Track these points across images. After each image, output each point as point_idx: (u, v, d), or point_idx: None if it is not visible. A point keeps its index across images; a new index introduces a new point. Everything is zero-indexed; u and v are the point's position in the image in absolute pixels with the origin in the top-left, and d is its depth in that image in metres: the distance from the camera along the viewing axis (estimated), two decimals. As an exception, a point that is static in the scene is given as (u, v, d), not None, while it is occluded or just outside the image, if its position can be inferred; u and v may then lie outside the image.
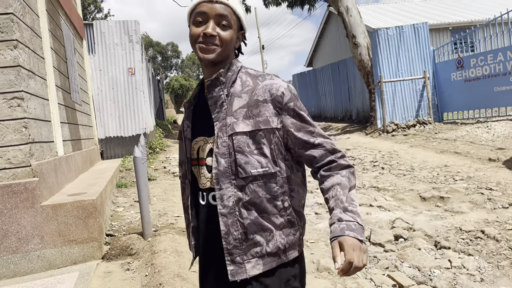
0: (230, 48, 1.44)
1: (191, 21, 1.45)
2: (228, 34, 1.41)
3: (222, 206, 1.40)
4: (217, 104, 1.44)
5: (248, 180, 1.39)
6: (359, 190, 6.27)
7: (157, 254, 3.84)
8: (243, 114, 1.40)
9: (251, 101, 1.41)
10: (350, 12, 13.12)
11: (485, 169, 6.61)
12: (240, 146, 1.38)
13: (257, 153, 1.39)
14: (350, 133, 14.02)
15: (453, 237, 4.09)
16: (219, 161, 1.40)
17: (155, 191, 7.04)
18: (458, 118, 12.36)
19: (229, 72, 1.46)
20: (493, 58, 10.74)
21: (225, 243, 1.40)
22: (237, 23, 1.45)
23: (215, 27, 1.39)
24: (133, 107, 11.13)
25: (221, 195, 1.40)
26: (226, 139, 1.39)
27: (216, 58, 1.41)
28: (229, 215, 1.39)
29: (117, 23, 11.08)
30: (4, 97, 3.69)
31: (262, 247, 1.40)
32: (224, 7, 1.39)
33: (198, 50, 1.41)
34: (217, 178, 1.40)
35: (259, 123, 1.38)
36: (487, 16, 17.30)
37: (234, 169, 1.39)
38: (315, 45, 25.71)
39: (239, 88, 1.44)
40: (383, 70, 12.72)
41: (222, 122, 1.41)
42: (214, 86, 1.45)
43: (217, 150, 1.40)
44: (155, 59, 72.14)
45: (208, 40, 1.39)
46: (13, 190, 3.63)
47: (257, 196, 1.39)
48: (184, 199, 1.63)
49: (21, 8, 3.99)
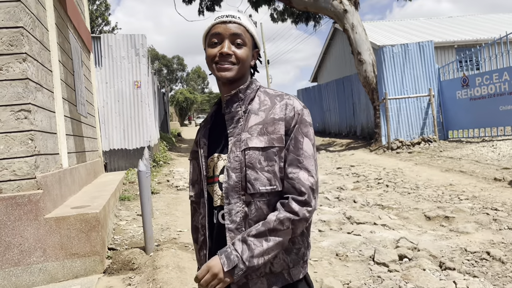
0: (246, 65, 1.47)
1: (206, 44, 1.48)
2: (244, 52, 1.44)
3: (230, 221, 1.40)
4: (234, 119, 1.46)
5: (255, 197, 1.39)
6: (364, 207, 6.23)
7: (159, 270, 3.82)
8: (258, 130, 1.41)
9: (267, 118, 1.42)
10: (355, 29, 13.21)
11: (490, 189, 6.56)
12: (252, 162, 1.39)
13: (267, 170, 1.39)
14: (354, 149, 14.00)
15: (458, 258, 4.04)
16: (230, 175, 1.40)
17: (158, 204, 7.02)
18: (463, 136, 12.33)
19: (248, 89, 1.49)
20: (498, 77, 10.76)
21: None
22: (251, 41, 1.49)
23: (230, 46, 1.43)
24: (138, 120, 11.18)
25: (230, 210, 1.40)
26: (239, 153, 1.40)
27: (234, 76, 1.44)
28: (236, 231, 1.39)
29: (124, 36, 11.20)
30: (11, 109, 3.71)
31: (266, 266, 1.39)
32: (237, 26, 1.44)
33: (216, 70, 1.44)
34: (226, 192, 1.40)
35: (273, 140, 1.39)
36: (492, 35, 17.37)
37: (243, 184, 1.39)
38: (320, 61, 25.87)
39: (256, 106, 1.46)
40: (388, 87, 12.75)
41: (236, 138, 1.43)
42: (232, 102, 1.48)
43: (229, 164, 1.41)
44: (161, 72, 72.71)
45: (224, 59, 1.42)
46: (17, 202, 3.63)
47: (262, 213, 1.39)
48: (196, 220, 1.62)
49: (31, 22, 4.04)
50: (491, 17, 24.00)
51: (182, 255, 4.35)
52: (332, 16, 13.69)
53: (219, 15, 1.47)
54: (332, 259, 4.23)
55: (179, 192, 8.36)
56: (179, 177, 10.03)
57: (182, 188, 8.64)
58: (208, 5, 18.00)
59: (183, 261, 4.14)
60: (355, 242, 4.60)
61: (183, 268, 3.93)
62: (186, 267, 3.98)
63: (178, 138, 25.32)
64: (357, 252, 4.35)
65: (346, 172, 9.79)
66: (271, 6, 17.41)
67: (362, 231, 4.99)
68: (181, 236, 5.18)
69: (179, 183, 9.01)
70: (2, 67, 3.69)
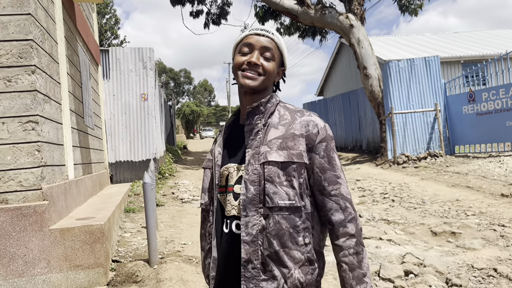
0: (270, 79, 1.50)
1: (236, 51, 1.51)
2: (271, 66, 1.47)
3: (246, 233, 1.39)
4: (253, 131, 1.47)
5: (274, 210, 1.38)
6: (369, 222, 6.18)
7: (162, 283, 3.80)
8: (277, 144, 1.41)
9: (287, 133, 1.43)
10: (361, 44, 13.28)
11: (497, 205, 6.50)
12: (271, 176, 1.39)
13: (286, 185, 1.39)
14: (360, 163, 13.95)
15: (464, 274, 3.99)
16: (248, 188, 1.40)
17: (163, 217, 7.02)
18: (470, 151, 12.26)
19: (268, 103, 1.50)
20: (505, 92, 10.73)
21: (243, 270, 1.39)
22: (280, 58, 1.52)
23: (259, 57, 1.46)
24: (144, 132, 11.24)
25: (246, 223, 1.39)
26: (258, 166, 1.40)
27: (258, 86, 1.46)
28: (252, 243, 1.38)
29: (132, 50, 11.33)
30: (19, 121, 3.75)
31: (279, 283, 1.38)
32: (269, 41, 1.48)
33: (240, 77, 1.46)
34: (244, 205, 1.40)
35: (293, 156, 1.40)
36: (499, 51, 17.39)
37: (262, 197, 1.39)
38: (326, 75, 25.96)
39: (276, 120, 1.48)
40: (394, 101, 12.75)
41: (255, 150, 1.43)
42: (253, 114, 1.49)
43: (247, 177, 1.41)
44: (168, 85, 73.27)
45: (251, 68, 1.45)
46: (23, 213, 3.64)
47: (280, 228, 1.38)
48: (204, 228, 1.64)
49: (41, 35, 4.10)
50: (497, 32, 24.04)
51: (186, 268, 4.33)
52: (338, 31, 13.78)
53: (254, 27, 1.51)
54: (337, 275, 4.19)
55: (184, 204, 8.35)
56: (184, 189, 10.03)
57: (187, 201, 8.64)
58: (214, 19, 18.19)
59: (187, 274, 4.12)
60: (360, 257, 4.55)
61: (187, 282, 3.91)
62: (190, 280, 3.96)
63: (184, 151, 25.37)
64: (362, 267, 4.30)
65: (351, 186, 9.74)
66: (277, 21, 17.54)
67: (367, 246, 4.94)
68: (185, 249, 5.16)
69: (184, 196, 9.00)
70: (11, 79, 3.74)
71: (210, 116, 78.07)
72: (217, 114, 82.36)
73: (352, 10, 13.73)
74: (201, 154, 23.92)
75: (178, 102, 68.23)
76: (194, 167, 15.59)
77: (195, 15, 18.03)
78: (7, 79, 3.73)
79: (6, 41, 3.74)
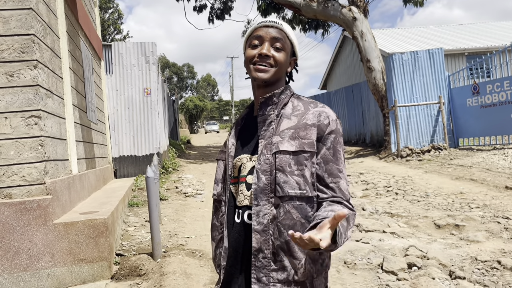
0: (282, 70, 1.50)
1: (247, 45, 1.53)
2: (282, 56, 1.47)
3: (257, 222, 1.40)
4: (266, 122, 1.48)
5: (284, 200, 1.39)
6: (373, 215, 6.17)
7: (166, 276, 3.81)
8: (289, 134, 1.42)
9: (299, 123, 1.44)
10: (364, 37, 13.20)
11: (501, 197, 6.48)
12: (282, 165, 1.39)
13: (297, 174, 1.39)
14: (363, 157, 13.92)
15: (468, 267, 3.98)
16: (259, 177, 1.41)
17: (166, 211, 7.04)
18: (474, 144, 12.20)
19: (282, 94, 1.51)
20: (509, 84, 10.65)
21: (254, 259, 1.40)
22: (290, 48, 1.52)
23: (270, 48, 1.46)
24: (147, 127, 11.26)
25: (258, 212, 1.40)
26: (270, 156, 1.41)
27: (270, 78, 1.47)
28: (263, 233, 1.39)
29: (134, 44, 11.32)
30: (22, 116, 3.76)
31: (289, 273, 1.38)
32: (278, 31, 1.48)
33: (253, 70, 1.47)
34: (255, 194, 1.41)
35: (304, 145, 1.40)
36: (503, 43, 17.26)
37: (273, 187, 1.40)
38: (330, 68, 25.86)
39: (289, 110, 1.49)
40: (398, 94, 12.69)
41: (267, 140, 1.44)
42: (266, 104, 1.50)
43: (259, 166, 1.42)
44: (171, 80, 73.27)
45: (262, 60, 1.46)
46: (27, 207, 3.66)
47: (291, 217, 1.39)
48: (215, 219, 1.65)
49: (42, 30, 4.10)
50: (502, 24, 23.84)
51: (189, 261, 4.35)
52: (341, 24, 13.70)
53: (263, 20, 1.52)
54: (340, 267, 4.19)
55: (187, 198, 8.37)
56: (187, 183, 10.05)
57: (190, 195, 8.66)
58: (218, 14, 18.13)
59: (190, 268, 4.13)
60: (364, 250, 4.56)
61: (190, 275, 3.93)
62: (193, 274, 3.97)
63: (188, 145, 25.40)
64: (365, 260, 4.31)
65: (355, 179, 9.73)
66: (280, 14, 17.45)
67: (370, 239, 4.94)
68: (189, 242, 5.18)
69: (188, 190, 9.02)
70: (13, 73, 3.75)
71: (213, 111, 78.08)
72: (221, 108, 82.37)
73: (355, 2, 13.64)
74: (205, 148, 23.94)
75: (182, 97, 68.23)
76: (198, 162, 15.61)
77: (198, 10, 17.98)
78: (9, 74, 3.74)
79: (7, 36, 3.74)
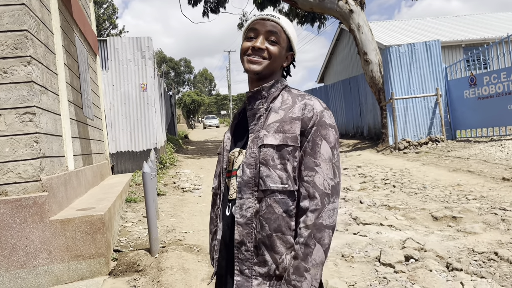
0: (276, 63, 1.49)
1: (243, 38, 1.53)
2: (276, 49, 1.47)
3: (240, 215, 1.41)
4: (255, 116, 1.49)
5: (266, 194, 1.39)
6: (370, 208, 6.18)
7: (163, 271, 3.82)
8: (275, 128, 1.42)
9: (285, 117, 1.43)
10: (361, 29, 13.16)
11: (498, 189, 6.49)
12: (265, 159, 1.40)
13: (280, 168, 1.39)
14: (361, 150, 13.93)
15: (465, 258, 3.99)
16: (244, 170, 1.43)
17: (164, 206, 7.03)
18: (471, 136, 12.22)
19: (272, 88, 1.51)
20: (506, 76, 10.65)
21: (237, 252, 1.41)
22: (287, 42, 1.51)
23: (264, 41, 1.47)
24: (144, 122, 11.22)
25: (241, 205, 1.42)
26: (255, 150, 1.42)
27: (262, 70, 1.46)
28: (245, 226, 1.40)
29: (130, 39, 11.25)
30: (16, 112, 3.74)
31: (270, 268, 1.38)
32: (274, 25, 1.48)
33: (246, 62, 1.48)
34: (239, 187, 1.43)
35: (287, 139, 1.39)
36: (500, 34, 17.22)
37: (257, 180, 1.40)
38: (327, 62, 25.81)
39: (278, 104, 1.48)
40: (395, 87, 12.67)
41: (255, 134, 1.45)
42: (255, 99, 1.50)
43: (245, 160, 1.44)
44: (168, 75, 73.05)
45: (256, 53, 1.46)
46: (23, 204, 3.65)
47: (272, 211, 1.38)
48: (213, 211, 1.70)
49: (36, 25, 4.07)
50: (499, 15, 23.79)
51: (187, 256, 4.35)
52: (338, 16, 13.64)
53: (261, 13, 1.52)
54: (338, 260, 4.20)
55: (185, 194, 8.37)
56: (185, 179, 10.04)
57: (188, 190, 8.65)
58: (212, 7, 18.03)
59: (188, 263, 4.14)
60: (361, 243, 4.57)
61: (188, 270, 3.93)
62: (191, 269, 3.97)
63: (185, 140, 25.37)
64: (363, 253, 4.32)
65: (352, 172, 9.74)
66: (276, 7, 17.38)
67: (368, 231, 4.95)
68: (187, 237, 5.18)
69: (185, 185, 9.01)
70: (7, 70, 3.72)
71: (211, 105, 77.96)
72: (218, 103, 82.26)
73: (352, -5, 13.57)
74: (202, 143, 23.92)
75: (179, 92, 68.08)
76: (196, 157, 15.60)
77: (193, 3, 17.87)
78: (3, 71, 3.71)
79: (0, 32, 3.71)
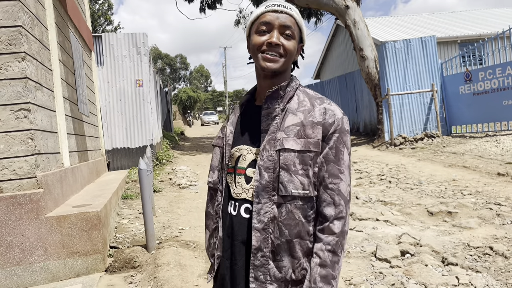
0: (291, 59, 1.43)
1: (253, 31, 1.43)
2: (292, 44, 1.40)
3: (258, 220, 1.36)
4: (270, 116, 1.42)
5: (286, 199, 1.35)
6: (366, 203, 6.20)
7: (160, 267, 3.82)
8: (295, 132, 1.37)
9: (306, 121, 1.38)
10: (357, 25, 13.15)
11: (494, 184, 6.53)
12: (286, 164, 1.35)
13: (301, 174, 1.35)
14: (357, 145, 13.96)
15: (460, 253, 4.02)
16: (262, 174, 1.37)
17: (160, 203, 7.03)
18: (467, 131, 12.26)
19: (288, 87, 1.45)
20: (501, 71, 10.68)
21: (253, 258, 1.37)
22: (299, 34, 1.44)
23: (279, 36, 1.38)
24: (140, 119, 11.19)
25: (258, 210, 1.36)
26: (273, 153, 1.36)
27: (279, 68, 1.39)
28: (263, 231, 1.36)
29: (125, 35, 11.20)
30: (11, 109, 3.72)
31: (287, 273, 1.36)
32: (288, 18, 1.39)
33: (261, 59, 1.39)
34: (257, 191, 1.37)
35: (310, 144, 1.35)
36: (495, 30, 17.26)
37: (276, 185, 1.35)
38: (323, 58, 25.80)
39: (295, 105, 1.42)
40: (391, 83, 12.69)
41: (271, 136, 1.38)
42: (272, 98, 1.43)
43: (261, 162, 1.37)
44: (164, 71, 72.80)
45: (272, 49, 1.38)
46: (18, 201, 3.63)
47: (293, 217, 1.35)
48: (210, 207, 1.60)
49: (30, 21, 4.04)
50: (494, 11, 23.84)
51: (183, 252, 4.35)
52: (334, 12, 13.63)
53: (271, 3, 1.41)
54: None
55: (181, 190, 8.36)
56: (181, 175, 10.03)
57: (184, 186, 8.64)
58: (209, 3, 17.97)
59: (185, 259, 4.14)
60: (357, 238, 4.59)
61: (185, 266, 3.93)
62: (188, 265, 3.98)
63: (181, 137, 25.32)
64: (359, 248, 4.34)
65: (349, 168, 9.74)
66: (272, 3, 17.34)
67: (364, 227, 4.97)
68: (183, 234, 5.18)
69: (182, 181, 9.01)
70: (1, 66, 3.69)
71: (207, 102, 77.81)
72: (214, 99, 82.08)
73: (348, -9, 13.56)
74: (198, 140, 23.88)
75: (175, 88, 67.89)
76: (192, 153, 15.58)
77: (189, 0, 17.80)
78: (-3, 67, 3.68)
79: (-6, 28, 3.68)
